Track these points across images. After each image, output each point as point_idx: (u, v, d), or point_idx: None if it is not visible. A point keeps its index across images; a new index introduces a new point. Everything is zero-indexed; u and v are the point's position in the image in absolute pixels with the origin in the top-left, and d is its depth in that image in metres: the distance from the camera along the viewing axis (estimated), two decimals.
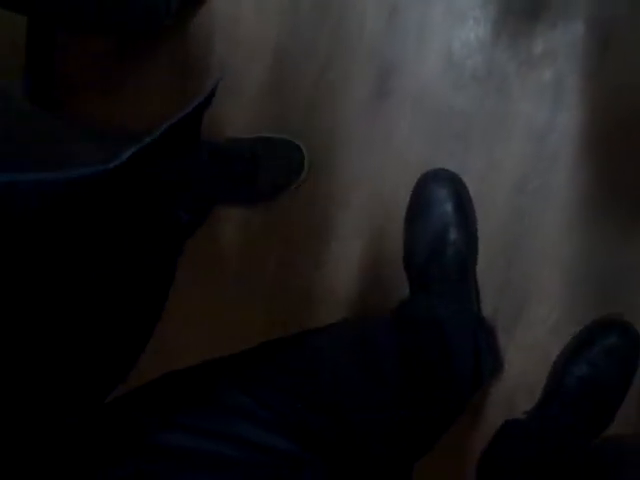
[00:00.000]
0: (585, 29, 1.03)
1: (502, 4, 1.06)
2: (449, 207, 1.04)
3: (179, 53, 1.16)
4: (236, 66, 1.14)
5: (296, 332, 0.78)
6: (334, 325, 0.86)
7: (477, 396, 1.10)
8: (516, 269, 1.08)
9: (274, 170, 1.10)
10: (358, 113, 1.11)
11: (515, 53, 1.06)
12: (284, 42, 1.13)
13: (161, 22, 1.04)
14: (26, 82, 1.12)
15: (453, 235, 1.03)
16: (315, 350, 0.75)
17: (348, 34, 1.10)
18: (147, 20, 1.02)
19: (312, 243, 1.14)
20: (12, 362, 0.46)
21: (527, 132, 1.06)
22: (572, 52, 1.04)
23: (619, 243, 1.05)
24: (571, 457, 0.99)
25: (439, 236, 1.04)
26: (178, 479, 0.54)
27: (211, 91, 0.56)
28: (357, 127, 1.11)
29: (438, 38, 1.08)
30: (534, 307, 1.08)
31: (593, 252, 1.05)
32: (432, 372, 0.87)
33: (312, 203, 1.13)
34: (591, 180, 1.05)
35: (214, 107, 1.14)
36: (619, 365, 1.04)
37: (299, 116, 1.13)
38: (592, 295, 1.06)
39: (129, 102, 1.13)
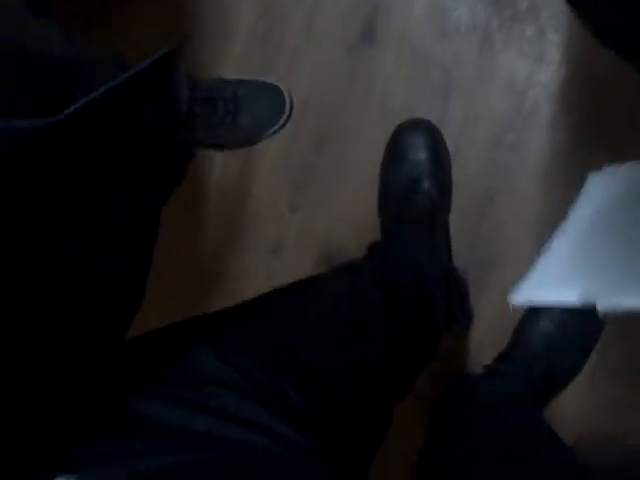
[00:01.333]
0: None
1: None
2: (424, 156, 1.04)
3: None
4: (225, 8, 1.15)
5: (275, 288, 0.76)
6: (310, 284, 0.82)
7: (444, 347, 1.10)
8: (489, 224, 1.08)
9: (255, 112, 1.11)
10: (342, 58, 1.12)
11: (500, 7, 1.07)
12: None
13: None
14: None
15: (426, 184, 1.04)
16: (296, 311, 0.73)
17: None
18: None
19: (289, 187, 1.15)
20: None
21: (507, 87, 1.07)
22: (556, 9, 1.04)
23: None
24: (513, 417, 0.97)
25: (412, 184, 1.04)
26: (159, 459, 0.49)
27: (172, 50, 0.55)
28: (340, 72, 1.12)
29: None
30: (505, 263, 1.08)
31: (566, 207, 1.05)
32: (412, 317, 0.86)
33: (291, 148, 1.14)
34: (569, 137, 1.05)
35: (200, 48, 1.16)
36: (582, 326, 1.03)
37: (284, 60, 1.14)
38: None
39: (114, 33, 1.14)
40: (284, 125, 1.13)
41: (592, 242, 0.64)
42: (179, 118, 0.61)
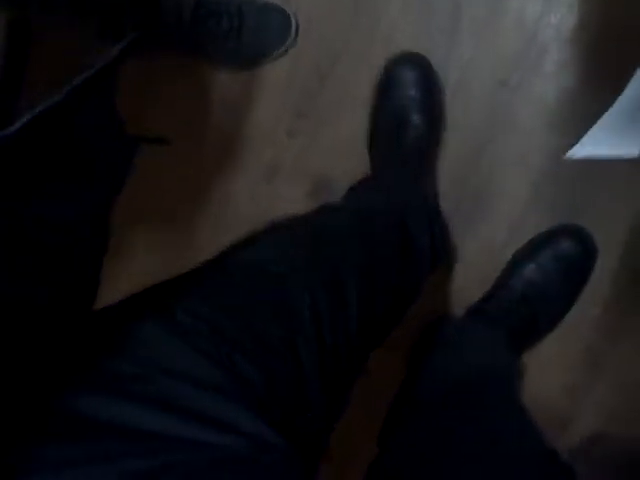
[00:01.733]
0: None
1: None
2: (416, 91, 1.02)
3: None
4: None
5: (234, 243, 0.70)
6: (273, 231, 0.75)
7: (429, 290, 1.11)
8: (485, 163, 1.07)
9: (260, 32, 1.09)
10: None
11: None
12: None
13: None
14: None
15: (416, 119, 1.02)
16: (254, 266, 0.66)
17: None
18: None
19: (289, 113, 1.13)
20: None
21: (517, 26, 1.04)
22: None
23: None
24: (496, 373, 0.95)
25: (401, 118, 1.03)
26: (115, 465, 0.45)
27: (120, 51, 0.52)
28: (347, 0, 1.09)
29: None
30: (497, 204, 1.08)
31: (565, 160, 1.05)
32: (394, 262, 0.84)
33: (293, 74, 1.12)
34: (575, 82, 1.04)
35: None
36: (567, 274, 1.03)
37: None
38: (558, 201, 1.06)
39: None
40: (287, 49, 1.10)
41: None
42: (119, 127, 0.58)
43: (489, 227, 1.08)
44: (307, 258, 0.68)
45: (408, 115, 1.02)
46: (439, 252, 0.98)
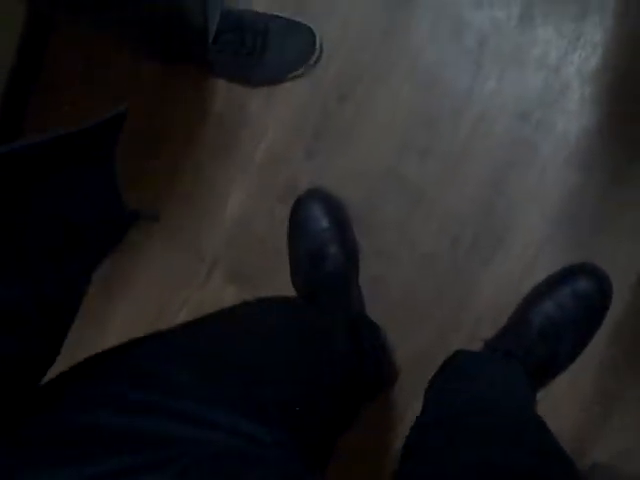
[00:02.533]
0: None
1: None
2: (325, 223, 1.07)
3: None
4: None
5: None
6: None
7: (440, 322, 1.10)
8: (503, 197, 1.07)
9: (284, 51, 1.08)
10: (378, 12, 1.09)
11: None
12: None
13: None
14: None
15: (332, 249, 1.06)
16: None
17: None
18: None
19: (307, 133, 1.12)
20: None
21: (541, 61, 1.06)
22: None
23: (611, 188, 1.05)
24: (514, 404, 0.97)
25: (318, 251, 1.06)
26: (111, 462, 0.46)
27: (114, 116, 0.50)
28: (375, 25, 1.09)
29: None
30: (513, 240, 1.07)
31: (584, 193, 1.05)
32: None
33: (314, 93, 1.12)
34: (597, 121, 1.05)
35: None
36: (585, 312, 1.03)
37: (320, 3, 1.11)
38: (574, 238, 1.06)
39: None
40: (310, 69, 1.10)
41: None
42: (114, 185, 0.56)
43: (505, 262, 1.08)
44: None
45: (324, 247, 1.06)
46: (374, 371, 0.97)
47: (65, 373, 0.54)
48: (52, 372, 0.53)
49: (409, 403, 1.06)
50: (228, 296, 1.16)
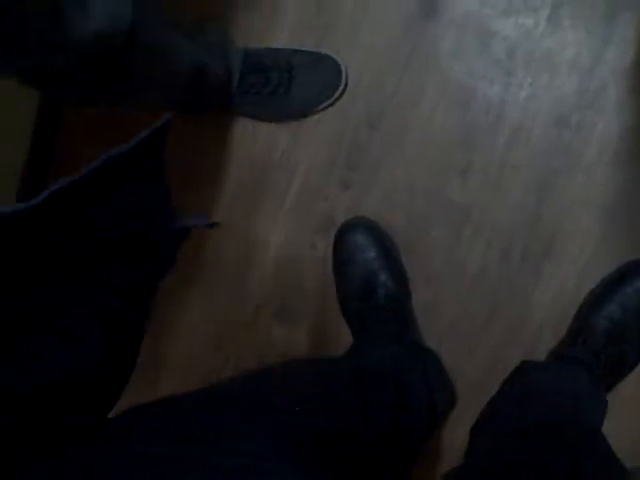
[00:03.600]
0: None
1: None
2: (372, 252, 1.05)
3: None
4: None
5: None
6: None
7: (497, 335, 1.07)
8: (549, 204, 1.04)
9: (309, 84, 1.06)
10: (402, 33, 1.07)
11: None
12: None
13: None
14: None
15: (381, 277, 1.04)
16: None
17: None
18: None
19: (340, 165, 1.10)
20: None
21: (574, 64, 1.03)
22: None
23: None
24: (581, 402, 0.95)
25: (367, 282, 1.04)
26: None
27: (160, 126, 0.50)
28: (399, 48, 1.07)
29: None
30: (565, 245, 1.05)
31: (633, 191, 1.02)
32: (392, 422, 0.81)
33: (344, 123, 1.10)
34: (636, 117, 1.02)
35: (251, 17, 1.11)
36: None
37: (340, 32, 1.09)
38: (626, 236, 1.03)
39: None
40: (338, 99, 1.08)
41: None
42: (168, 198, 0.56)
43: (560, 269, 1.05)
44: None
45: (373, 277, 1.04)
46: (438, 408, 0.97)
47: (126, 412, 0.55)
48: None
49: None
50: (277, 336, 1.15)
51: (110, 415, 0.53)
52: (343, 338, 1.06)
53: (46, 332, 0.46)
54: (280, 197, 1.13)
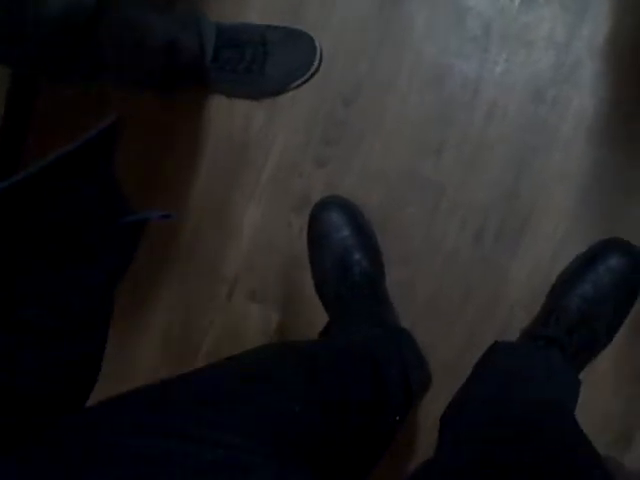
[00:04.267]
0: None
1: None
2: (346, 231, 1.05)
3: None
4: None
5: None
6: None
7: (472, 313, 1.07)
8: (526, 180, 1.04)
9: (284, 60, 1.05)
10: (377, 10, 1.06)
11: None
12: None
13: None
14: None
15: (356, 256, 1.04)
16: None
17: None
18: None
19: (316, 142, 1.10)
20: None
21: (549, 41, 1.02)
22: None
23: (636, 157, 1.01)
24: (554, 381, 0.95)
25: (342, 261, 1.04)
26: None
27: (107, 127, 0.50)
28: (374, 25, 1.06)
29: None
30: (540, 221, 1.04)
31: (608, 169, 1.02)
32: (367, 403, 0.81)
33: (319, 100, 1.09)
34: (612, 93, 1.01)
35: None
36: (622, 287, 1.00)
37: (314, 8, 1.08)
38: (601, 214, 1.03)
39: None
40: (313, 75, 1.07)
41: None
42: (117, 191, 0.56)
43: (534, 246, 1.05)
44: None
45: (347, 255, 1.04)
46: (413, 386, 0.95)
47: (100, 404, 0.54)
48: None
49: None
50: (251, 315, 1.15)
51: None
52: (318, 318, 1.06)
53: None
54: (256, 175, 1.12)
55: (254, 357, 0.72)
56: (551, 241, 1.04)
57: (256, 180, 1.12)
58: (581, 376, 0.97)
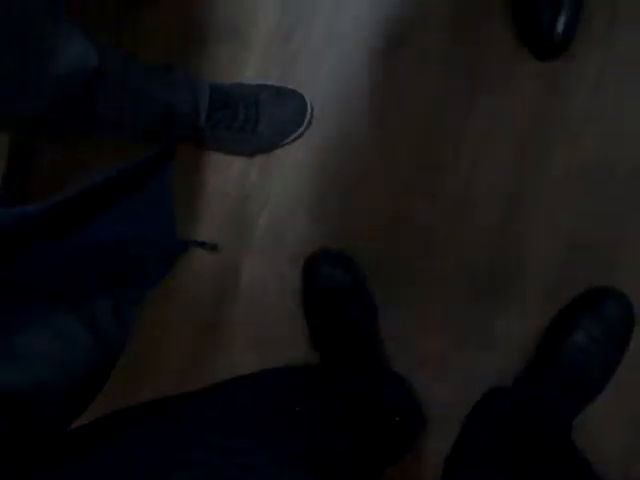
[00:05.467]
0: None
1: None
2: (341, 283, 1.06)
3: None
4: (243, 15, 1.14)
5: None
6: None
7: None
8: (516, 224, 1.06)
9: (276, 118, 1.09)
10: (366, 66, 1.10)
11: None
12: None
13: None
14: None
15: (351, 307, 1.06)
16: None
17: None
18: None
19: (310, 195, 1.12)
20: None
21: None
22: None
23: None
24: (552, 430, 0.96)
25: (337, 312, 1.05)
26: None
27: (164, 150, 0.55)
28: (362, 77, 1.10)
29: None
30: (530, 267, 1.06)
31: (598, 216, 1.05)
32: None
33: (311, 154, 1.12)
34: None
35: (218, 52, 1.13)
36: (613, 334, 1.02)
37: (305, 65, 1.12)
38: (592, 262, 1.05)
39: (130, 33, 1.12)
40: (304, 131, 1.11)
41: None
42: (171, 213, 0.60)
43: (524, 293, 1.07)
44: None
45: (344, 306, 1.05)
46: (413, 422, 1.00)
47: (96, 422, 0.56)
48: None
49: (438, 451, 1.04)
50: (249, 364, 1.16)
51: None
52: None
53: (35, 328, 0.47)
54: (251, 230, 1.14)
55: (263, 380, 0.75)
56: (541, 286, 1.07)
57: (251, 235, 1.14)
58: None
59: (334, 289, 1.06)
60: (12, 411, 0.45)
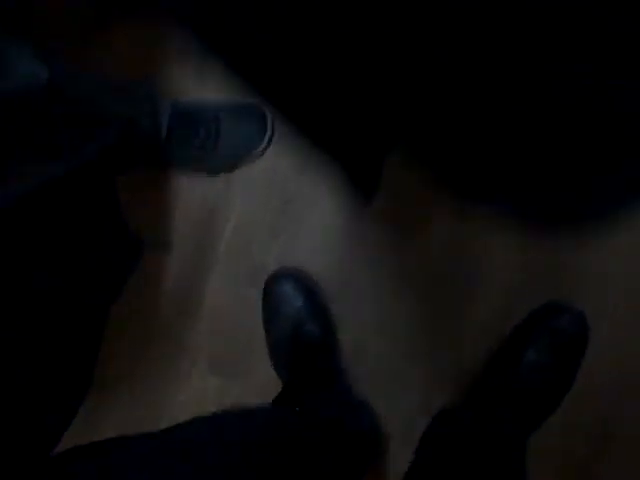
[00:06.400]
0: None
1: None
2: (300, 303, 1.07)
3: None
4: None
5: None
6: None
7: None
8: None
9: (237, 136, 1.09)
10: None
11: None
12: None
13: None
14: None
15: (309, 326, 1.06)
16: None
17: None
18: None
19: (271, 211, 1.12)
20: None
21: None
22: None
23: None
24: (503, 452, 0.96)
25: (295, 330, 1.06)
26: None
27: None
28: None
29: None
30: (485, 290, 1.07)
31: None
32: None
33: (272, 171, 1.12)
34: None
35: (178, 69, 1.12)
36: (567, 352, 1.02)
37: None
38: (544, 280, 1.07)
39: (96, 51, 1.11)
40: (266, 148, 1.11)
41: None
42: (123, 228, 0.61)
43: (478, 313, 1.07)
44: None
45: (302, 326, 1.05)
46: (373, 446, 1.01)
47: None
48: None
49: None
50: (211, 388, 1.15)
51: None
52: (275, 388, 1.07)
53: None
54: (214, 248, 1.14)
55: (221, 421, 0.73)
56: (496, 310, 1.07)
57: (214, 253, 1.14)
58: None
59: (293, 307, 1.06)
60: None
